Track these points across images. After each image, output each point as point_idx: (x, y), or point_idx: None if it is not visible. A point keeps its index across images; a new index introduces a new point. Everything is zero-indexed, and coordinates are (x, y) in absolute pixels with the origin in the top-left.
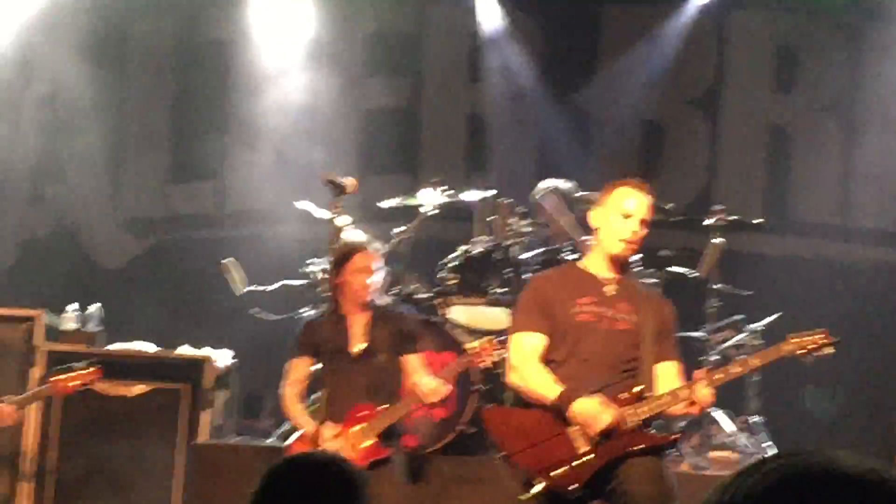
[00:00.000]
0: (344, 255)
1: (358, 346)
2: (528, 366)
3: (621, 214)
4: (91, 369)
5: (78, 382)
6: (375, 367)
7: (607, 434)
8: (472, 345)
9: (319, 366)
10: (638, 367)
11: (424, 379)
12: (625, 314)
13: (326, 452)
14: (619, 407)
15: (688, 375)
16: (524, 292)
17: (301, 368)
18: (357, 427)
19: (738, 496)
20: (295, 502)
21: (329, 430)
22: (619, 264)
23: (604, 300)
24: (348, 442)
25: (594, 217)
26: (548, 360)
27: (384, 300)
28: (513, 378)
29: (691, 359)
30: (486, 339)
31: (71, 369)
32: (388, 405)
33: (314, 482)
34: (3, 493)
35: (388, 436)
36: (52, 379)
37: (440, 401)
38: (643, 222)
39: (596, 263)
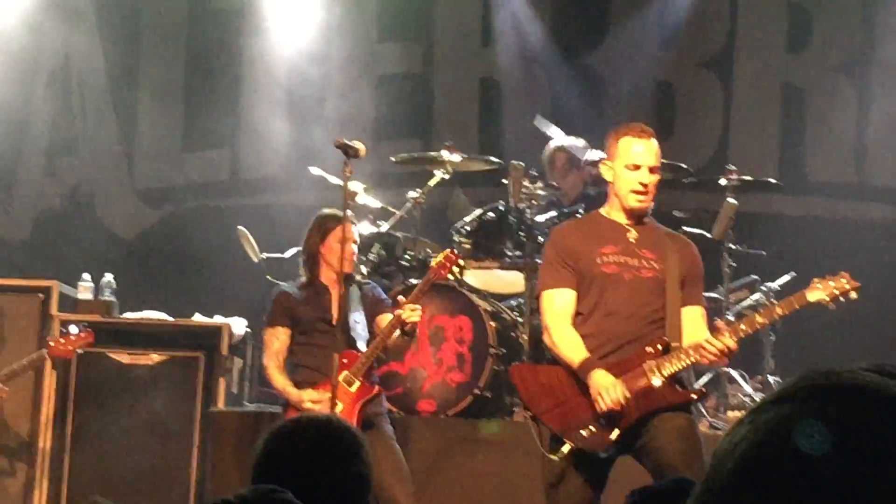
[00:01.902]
0: (329, 224)
1: (336, 315)
2: (559, 326)
3: (629, 166)
4: (83, 333)
5: (73, 346)
6: (354, 335)
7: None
8: (436, 259)
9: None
10: (664, 316)
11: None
12: (650, 261)
13: (323, 413)
14: (646, 361)
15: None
16: (547, 246)
17: (281, 338)
18: (343, 374)
19: (736, 447)
20: (295, 463)
21: (310, 393)
22: (637, 214)
23: (628, 248)
24: (339, 393)
25: (605, 171)
26: (574, 312)
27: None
28: (546, 338)
29: (708, 319)
30: (446, 251)
31: (64, 334)
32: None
33: (313, 442)
34: (20, 465)
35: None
36: (48, 344)
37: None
38: (653, 169)
39: (616, 212)
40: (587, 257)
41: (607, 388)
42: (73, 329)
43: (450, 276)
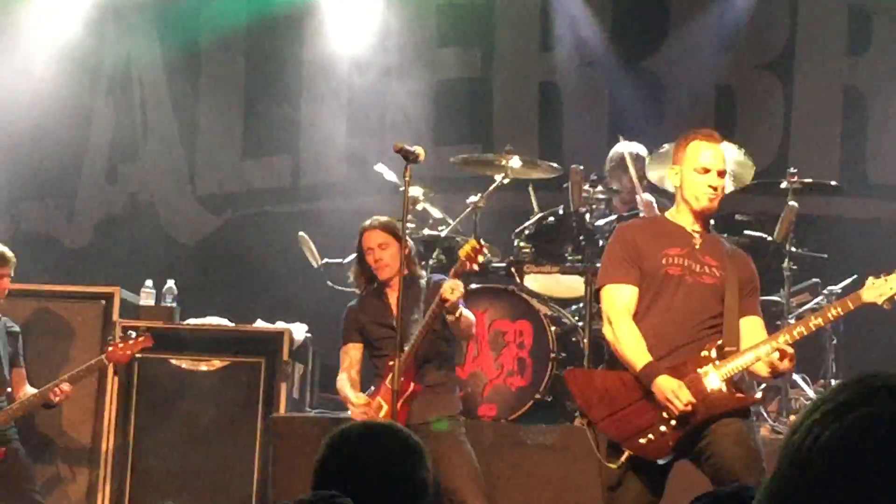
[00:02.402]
0: (361, 235)
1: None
2: (621, 323)
3: (698, 170)
4: (142, 337)
5: (131, 351)
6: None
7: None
8: (463, 249)
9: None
10: (721, 323)
11: (445, 283)
12: (711, 268)
13: (384, 421)
14: (702, 365)
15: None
16: (612, 242)
17: (351, 353)
18: (388, 377)
19: (819, 439)
20: (355, 468)
21: (358, 397)
22: (705, 219)
23: (692, 252)
24: (387, 396)
25: (672, 176)
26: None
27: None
28: (607, 332)
29: (769, 323)
30: (471, 241)
31: (122, 339)
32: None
33: (373, 447)
34: (83, 469)
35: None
36: (107, 349)
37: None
38: (721, 173)
39: (683, 216)
40: (653, 256)
41: (675, 392)
42: (132, 333)
43: (474, 267)
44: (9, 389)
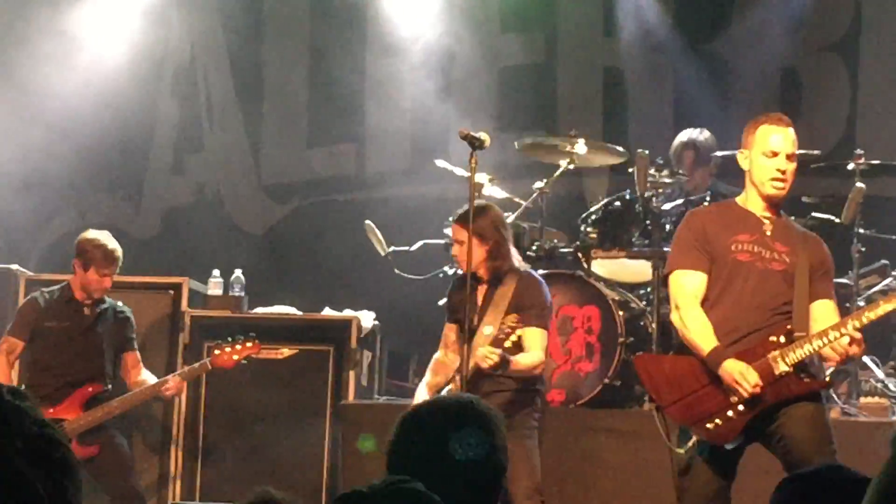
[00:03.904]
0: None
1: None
2: (689, 309)
3: (767, 154)
4: (250, 343)
5: (238, 357)
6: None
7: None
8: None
9: None
10: (791, 309)
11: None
12: (781, 254)
13: (456, 396)
14: (771, 350)
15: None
16: (681, 228)
17: (446, 333)
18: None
19: None
20: (426, 449)
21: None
22: (775, 203)
23: (762, 239)
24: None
25: (742, 160)
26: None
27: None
28: (675, 318)
29: (838, 305)
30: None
31: (229, 343)
32: None
33: (443, 427)
34: (155, 454)
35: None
36: (214, 353)
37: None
38: (790, 157)
39: (753, 201)
40: (722, 243)
41: (742, 374)
42: (240, 338)
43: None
44: (109, 386)
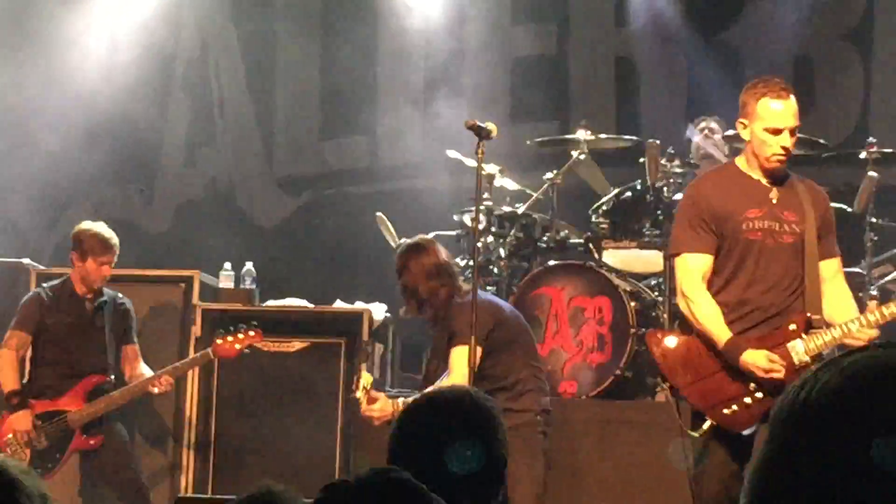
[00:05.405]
0: None
1: None
2: (697, 297)
3: (770, 130)
4: (252, 332)
5: (240, 346)
6: None
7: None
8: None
9: None
10: (803, 282)
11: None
12: (791, 224)
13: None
14: (789, 339)
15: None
16: (686, 205)
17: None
18: None
19: (814, 390)
20: (426, 440)
21: None
22: (775, 173)
23: (771, 210)
24: None
25: (741, 130)
26: (713, 275)
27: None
28: (682, 305)
29: (854, 296)
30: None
31: (231, 332)
32: None
33: (445, 419)
34: (166, 447)
35: None
36: (216, 342)
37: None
38: (793, 131)
39: (756, 170)
40: (733, 220)
41: (768, 357)
42: (242, 327)
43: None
44: (112, 377)
